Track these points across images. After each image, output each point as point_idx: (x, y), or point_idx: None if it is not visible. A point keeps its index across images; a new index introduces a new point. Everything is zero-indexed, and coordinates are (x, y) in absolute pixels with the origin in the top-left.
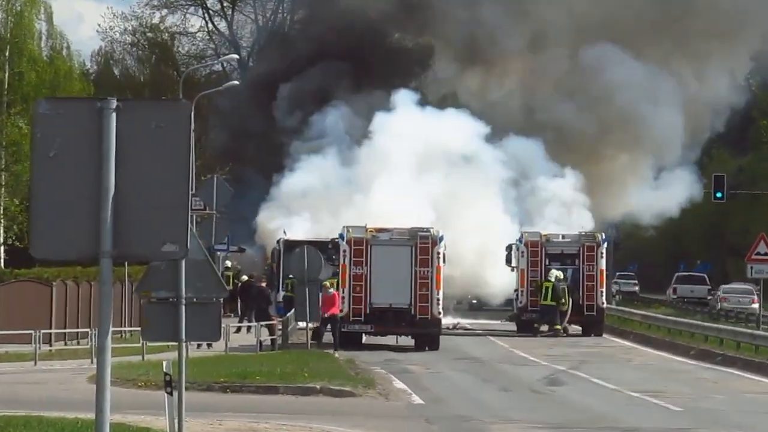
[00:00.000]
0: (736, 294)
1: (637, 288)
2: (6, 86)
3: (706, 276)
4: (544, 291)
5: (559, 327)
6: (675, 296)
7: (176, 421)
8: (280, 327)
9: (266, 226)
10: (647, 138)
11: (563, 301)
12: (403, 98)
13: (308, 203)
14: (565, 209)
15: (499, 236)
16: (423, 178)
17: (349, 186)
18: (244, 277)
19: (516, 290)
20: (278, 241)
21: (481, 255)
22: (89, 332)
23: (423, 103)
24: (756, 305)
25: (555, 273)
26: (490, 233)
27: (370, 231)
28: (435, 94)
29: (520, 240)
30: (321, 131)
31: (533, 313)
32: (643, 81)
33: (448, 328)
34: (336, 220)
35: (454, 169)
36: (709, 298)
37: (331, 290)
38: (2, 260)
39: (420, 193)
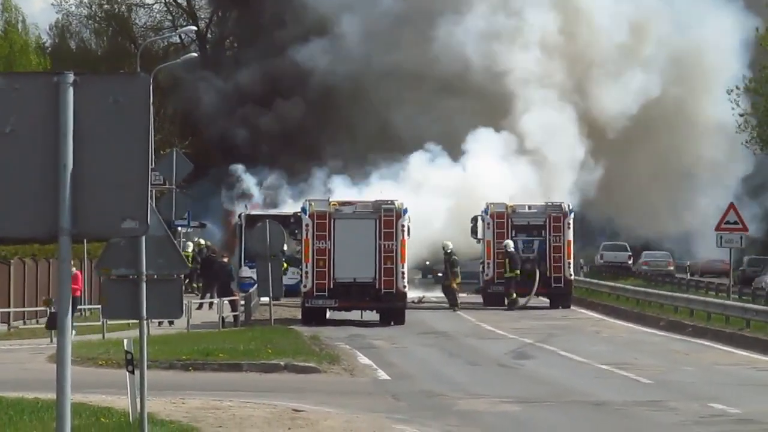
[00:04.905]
0: (656, 259)
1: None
2: None
3: (626, 244)
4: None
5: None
6: (602, 261)
7: (138, 399)
8: (243, 303)
9: None
10: None
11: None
12: None
13: None
14: None
15: None
16: None
17: None
18: (204, 246)
19: (482, 262)
20: (239, 216)
21: None
22: (48, 311)
23: None
24: (671, 268)
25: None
26: None
27: (333, 204)
28: None
29: (485, 211)
30: None
31: (500, 286)
32: None
33: (413, 302)
34: None
35: None
36: (629, 262)
37: (73, 269)
38: None
39: None
